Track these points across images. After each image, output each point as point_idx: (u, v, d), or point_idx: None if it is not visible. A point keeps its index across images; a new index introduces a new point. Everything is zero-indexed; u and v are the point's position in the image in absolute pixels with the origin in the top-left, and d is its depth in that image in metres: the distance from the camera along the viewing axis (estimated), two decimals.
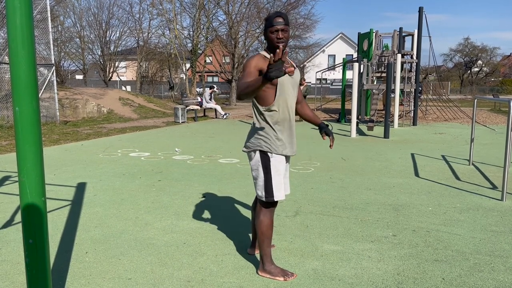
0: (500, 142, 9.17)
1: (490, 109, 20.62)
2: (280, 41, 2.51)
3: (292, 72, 2.07)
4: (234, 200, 4.51)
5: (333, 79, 40.22)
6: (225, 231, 3.55)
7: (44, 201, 1.83)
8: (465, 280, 2.65)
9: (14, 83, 1.70)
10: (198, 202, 4.44)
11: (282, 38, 2.49)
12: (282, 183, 2.62)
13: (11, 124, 11.26)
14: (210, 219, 3.85)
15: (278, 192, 2.59)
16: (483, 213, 4.03)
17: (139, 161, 6.87)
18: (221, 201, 4.47)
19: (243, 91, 2.31)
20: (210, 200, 4.50)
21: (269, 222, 2.61)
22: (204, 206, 4.29)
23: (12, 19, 1.66)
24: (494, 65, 49.57)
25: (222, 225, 3.69)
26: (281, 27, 2.48)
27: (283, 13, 2.54)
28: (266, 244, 2.64)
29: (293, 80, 2.63)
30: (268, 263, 2.66)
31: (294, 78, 2.64)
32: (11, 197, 4.58)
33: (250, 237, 3.39)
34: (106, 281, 2.64)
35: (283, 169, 2.64)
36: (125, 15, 40.19)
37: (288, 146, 2.63)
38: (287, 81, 2.58)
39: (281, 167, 2.61)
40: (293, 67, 2.26)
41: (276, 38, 2.50)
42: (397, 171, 6.03)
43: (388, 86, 10.20)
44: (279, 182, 2.60)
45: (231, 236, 3.41)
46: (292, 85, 2.62)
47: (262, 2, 25.27)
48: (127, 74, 41.04)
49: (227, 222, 3.78)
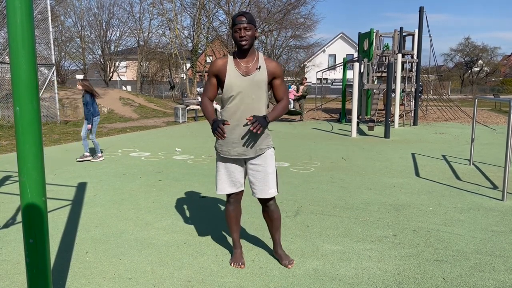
0: (500, 142, 9.17)
1: (491, 109, 20.61)
2: (243, 39, 2.53)
3: (222, 139, 2.52)
4: None
5: (334, 79, 40.20)
6: (225, 231, 3.55)
7: (45, 201, 1.83)
8: (465, 280, 2.65)
9: (15, 83, 1.70)
10: (198, 202, 4.44)
11: (245, 36, 2.53)
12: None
13: (11, 124, 11.27)
14: (211, 219, 3.85)
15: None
16: (484, 213, 4.02)
17: (139, 161, 6.88)
18: (221, 201, 4.47)
19: (201, 109, 2.79)
20: (210, 200, 4.50)
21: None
22: (204, 206, 4.29)
23: (13, 19, 1.66)
24: (494, 65, 49.51)
25: (222, 225, 3.69)
26: (244, 25, 2.51)
27: (247, 12, 2.57)
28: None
29: (249, 81, 2.62)
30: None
31: (250, 78, 2.61)
32: (11, 197, 4.58)
33: (250, 237, 3.39)
34: (107, 280, 2.64)
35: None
36: (126, 15, 40.16)
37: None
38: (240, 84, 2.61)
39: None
40: (258, 68, 2.61)
41: (239, 37, 2.54)
42: (397, 171, 6.02)
43: (388, 86, 10.20)
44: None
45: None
46: (247, 86, 2.61)
47: (263, 2, 25.30)
48: (127, 74, 41.04)
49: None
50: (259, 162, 2.71)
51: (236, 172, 2.75)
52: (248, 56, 2.63)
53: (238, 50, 2.64)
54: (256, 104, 2.63)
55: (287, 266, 2.83)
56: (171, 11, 23.51)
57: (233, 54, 2.68)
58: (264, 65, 2.65)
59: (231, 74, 2.61)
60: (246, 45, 2.55)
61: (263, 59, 2.67)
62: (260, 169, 2.71)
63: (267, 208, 2.80)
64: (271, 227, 2.88)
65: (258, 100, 2.63)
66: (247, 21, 2.52)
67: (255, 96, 2.62)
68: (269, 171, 2.71)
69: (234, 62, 2.64)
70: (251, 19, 2.54)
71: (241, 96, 2.61)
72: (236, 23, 2.53)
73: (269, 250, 3.12)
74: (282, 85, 2.73)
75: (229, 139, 2.66)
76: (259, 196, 2.73)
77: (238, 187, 2.77)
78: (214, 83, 2.71)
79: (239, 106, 2.61)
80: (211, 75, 2.70)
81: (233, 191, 2.76)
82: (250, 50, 2.62)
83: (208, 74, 2.73)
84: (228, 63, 2.63)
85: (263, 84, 2.64)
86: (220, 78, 2.66)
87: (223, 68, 2.63)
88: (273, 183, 2.73)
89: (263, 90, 2.65)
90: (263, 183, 2.70)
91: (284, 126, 12.92)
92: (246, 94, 2.61)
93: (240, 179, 2.77)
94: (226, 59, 2.66)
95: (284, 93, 2.75)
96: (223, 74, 2.63)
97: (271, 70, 2.67)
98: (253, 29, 2.56)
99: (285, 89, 2.75)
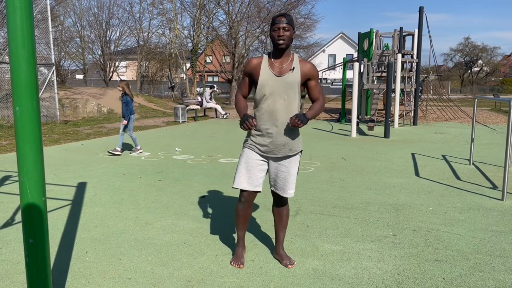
0: (500, 142, 9.17)
1: (491, 108, 20.61)
2: (281, 39, 2.56)
3: (250, 129, 2.56)
4: (234, 200, 4.51)
5: (334, 79, 40.22)
6: (225, 231, 3.55)
7: (44, 201, 1.83)
8: (465, 280, 2.65)
9: (14, 83, 1.70)
10: (198, 202, 4.44)
11: (283, 36, 2.55)
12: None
13: (11, 124, 11.27)
14: (210, 219, 3.85)
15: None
16: (484, 213, 4.03)
17: (139, 160, 6.88)
18: (221, 201, 4.47)
19: (235, 104, 2.80)
20: (210, 200, 4.50)
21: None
22: (204, 206, 4.29)
23: (13, 18, 1.66)
24: (494, 64, 49.52)
25: (222, 225, 3.69)
26: (283, 25, 2.55)
27: (287, 14, 2.61)
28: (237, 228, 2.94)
29: (284, 82, 2.64)
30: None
31: (283, 79, 2.64)
32: (11, 197, 4.58)
33: (250, 236, 3.39)
34: (106, 280, 2.64)
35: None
36: (125, 14, 40.17)
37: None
38: (272, 84, 2.64)
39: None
40: (292, 69, 2.63)
41: (277, 36, 2.56)
42: (397, 171, 6.03)
43: (388, 86, 10.20)
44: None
45: (231, 236, 3.41)
46: (279, 86, 2.64)
47: (262, 2, 25.27)
48: (127, 73, 41.02)
49: (227, 222, 3.78)
50: (284, 163, 2.75)
51: (256, 170, 2.75)
52: (283, 57, 2.65)
53: (274, 50, 2.66)
54: (289, 105, 2.65)
55: (288, 266, 2.83)
56: (171, 11, 23.51)
57: (268, 54, 2.71)
58: (298, 66, 2.66)
59: (264, 74, 2.64)
60: (283, 45, 2.57)
61: (297, 61, 2.68)
62: (284, 169, 2.75)
63: (280, 204, 2.85)
64: (279, 224, 2.90)
65: (290, 101, 2.65)
66: (286, 21, 2.55)
67: (287, 96, 2.64)
68: (292, 173, 2.75)
69: (269, 62, 2.67)
70: (291, 20, 2.58)
71: (273, 96, 2.63)
72: (276, 23, 2.56)
73: (269, 250, 3.12)
74: (317, 85, 2.76)
75: (261, 136, 2.69)
76: (278, 192, 2.79)
77: (255, 185, 2.76)
78: (247, 82, 2.77)
79: (271, 106, 2.63)
80: (245, 74, 2.75)
81: (249, 188, 2.75)
82: (286, 51, 2.64)
83: (242, 73, 2.77)
84: (263, 63, 2.66)
85: (296, 85, 2.65)
86: (254, 77, 2.69)
87: (257, 68, 2.66)
88: (293, 184, 2.78)
89: (296, 91, 2.66)
90: (284, 183, 2.76)
91: None
92: (279, 94, 2.63)
93: (259, 179, 2.77)
94: (261, 58, 2.69)
95: (320, 93, 2.78)
96: (257, 74, 2.66)
97: (305, 72, 2.68)
98: (291, 30, 2.58)
99: (320, 89, 2.78)
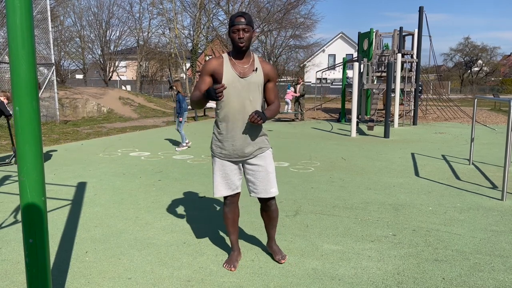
0: (500, 142, 9.17)
1: (490, 108, 20.62)
2: (241, 41, 2.51)
3: (220, 98, 2.36)
4: None
5: (333, 79, 40.21)
6: (225, 231, 3.55)
7: (44, 201, 1.83)
8: (465, 279, 2.65)
9: (14, 83, 1.70)
10: (198, 201, 4.44)
11: (243, 38, 2.50)
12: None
13: (11, 124, 11.25)
14: (210, 219, 3.85)
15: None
16: (483, 213, 4.03)
17: (139, 160, 6.87)
18: (221, 201, 4.47)
19: (191, 101, 2.61)
20: (210, 200, 4.50)
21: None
22: (204, 205, 4.29)
23: (12, 18, 1.66)
24: (494, 64, 49.53)
25: (222, 225, 3.69)
26: (242, 26, 2.48)
27: (246, 13, 2.54)
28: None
29: (246, 82, 2.60)
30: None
31: (246, 80, 2.59)
32: (11, 197, 4.58)
33: (249, 237, 3.39)
34: (106, 280, 2.64)
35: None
36: (125, 14, 40.18)
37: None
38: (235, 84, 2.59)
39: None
40: (255, 70, 2.59)
41: (237, 38, 2.52)
42: (397, 171, 6.03)
43: (388, 86, 10.20)
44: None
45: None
46: (243, 87, 2.60)
47: (262, 2, 25.29)
48: (127, 73, 41.02)
49: None
50: (259, 162, 2.70)
51: (231, 175, 2.73)
52: (245, 57, 2.61)
53: (234, 51, 2.60)
54: (253, 106, 2.62)
55: (280, 261, 2.85)
56: (171, 10, 23.51)
57: (228, 54, 2.65)
58: (260, 67, 2.63)
59: (228, 75, 2.57)
60: (244, 47, 2.53)
61: (258, 61, 2.65)
62: (260, 169, 2.69)
63: (267, 207, 2.79)
64: (268, 225, 2.89)
65: (255, 102, 2.62)
66: (245, 22, 2.49)
67: (252, 98, 2.60)
68: (270, 170, 2.71)
69: (231, 62, 2.60)
70: (250, 21, 2.51)
71: (238, 98, 2.58)
72: (235, 24, 2.49)
73: (268, 250, 3.12)
74: (275, 88, 2.75)
75: (227, 141, 2.64)
76: (261, 195, 2.72)
77: (233, 189, 2.75)
78: (208, 81, 2.63)
79: (236, 108, 2.58)
80: (205, 74, 2.62)
81: (229, 193, 2.75)
82: (246, 52, 2.60)
83: (200, 73, 2.68)
84: (224, 64, 2.59)
85: (260, 86, 2.63)
86: (216, 78, 2.61)
87: (219, 68, 2.59)
88: (274, 182, 2.73)
89: (260, 92, 2.64)
90: (265, 183, 2.70)
91: (284, 126, 12.92)
92: (244, 96, 2.59)
93: (236, 182, 2.75)
94: (221, 59, 2.62)
95: (276, 97, 2.78)
96: (220, 74, 2.59)
97: (266, 73, 2.66)
98: (251, 30, 2.53)
99: (277, 93, 2.78)
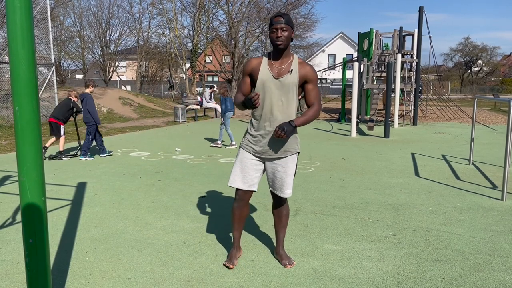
0: (500, 142, 9.17)
1: (490, 108, 20.62)
2: (279, 40, 2.53)
3: (257, 105, 2.49)
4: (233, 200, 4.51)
5: (333, 79, 40.21)
6: (225, 231, 3.55)
7: (44, 201, 1.83)
8: (465, 279, 2.65)
9: (14, 83, 1.70)
10: (198, 202, 4.44)
11: (281, 37, 2.52)
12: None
13: (11, 124, 11.26)
14: (210, 219, 3.85)
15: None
16: (483, 213, 4.03)
17: (139, 160, 6.87)
18: (221, 201, 4.47)
19: (236, 104, 2.74)
20: (210, 200, 4.50)
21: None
22: (204, 205, 4.29)
23: (12, 18, 1.66)
24: (494, 64, 49.53)
25: (222, 225, 3.69)
26: (281, 26, 2.51)
27: (285, 13, 2.56)
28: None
29: (280, 83, 2.61)
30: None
31: (281, 81, 2.61)
32: (11, 197, 4.58)
33: (250, 237, 3.39)
34: (106, 280, 2.64)
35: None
36: (125, 14, 40.18)
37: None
38: (269, 84, 2.62)
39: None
40: (290, 71, 2.60)
41: (275, 37, 2.54)
42: (397, 171, 6.03)
43: (388, 86, 10.20)
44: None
45: (231, 236, 3.41)
46: (277, 87, 2.62)
47: (262, 2, 25.25)
48: (127, 73, 41.02)
49: (227, 222, 3.78)
50: (281, 163, 2.73)
51: (250, 170, 2.73)
52: (283, 57, 2.62)
53: (273, 51, 2.64)
54: (286, 107, 2.62)
55: (286, 266, 2.83)
56: (171, 10, 23.51)
57: (268, 54, 2.68)
58: (297, 68, 2.62)
59: (263, 75, 2.61)
60: (281, 46, 2.54)
61: (297, 62, 2.64)
62: (280, 169, 2.73)
63: (279, 204, 2.84)
64: (278, 223, 2.90)
65: (287, 103, 2.62)
66: (284, 21, 2.52)
67: (284, 99, 2.61)
68: (289, 173, 2.74)
69: (268, 63, 2.64)
70: (288, 20, 2.54)
71: (270, 98, 2.60)
72: (273, 23, 2.52)
73: (268, 250, 3.12)
74: (314, 90, 2.68)
75: (257, 138, 2.68)
76: (276, 192, 2.78)
77: (249, 185, 2.75)
78: (248, 82, 2.72)
79: (268, 108, 2.61)
80: (245, 74, 2.71)
81: (243, 187, 2.74)
82: (285, 52, 2.61)
83: (242, 73, 2.75)
84: (262, 64, 2.64)
85: (293, 87, 2.62)
86: (253, 77, 2.67)
87: (257, 68, 2.64)
88: (290, 185, 2.77)
89: (293, 94, 2.63)
90: (281, 183, 2.74)
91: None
92: (276, 96, 2.61)
93: (254, 178, 2.75)
94: (261, 59, 2.67)
95: (315, 98, 2.69)
96: (256, 74, 2.64)
97: (303, 74, 2.63)
98: (290, 30, 2.55)
99: (316, 94, 2.69)
